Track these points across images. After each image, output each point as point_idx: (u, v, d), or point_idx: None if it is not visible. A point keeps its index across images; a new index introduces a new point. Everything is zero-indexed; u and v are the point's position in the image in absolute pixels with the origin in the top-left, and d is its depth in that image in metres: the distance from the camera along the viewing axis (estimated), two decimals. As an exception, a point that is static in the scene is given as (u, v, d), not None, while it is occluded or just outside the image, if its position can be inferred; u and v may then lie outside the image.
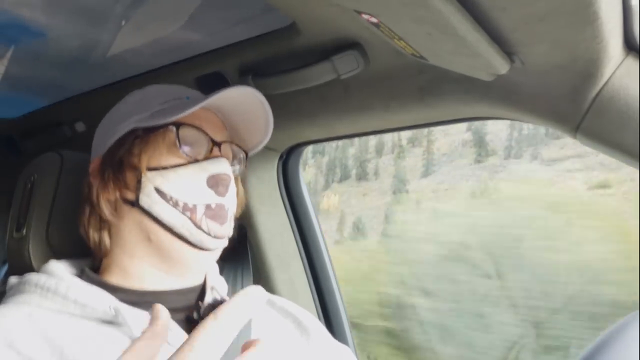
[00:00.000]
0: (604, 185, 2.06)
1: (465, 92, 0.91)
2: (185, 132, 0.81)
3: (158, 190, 0.79)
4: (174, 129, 0.80)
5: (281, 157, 1.39)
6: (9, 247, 0.92)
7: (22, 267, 0.88)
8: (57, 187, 0.91)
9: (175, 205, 0.78)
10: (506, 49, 0.73)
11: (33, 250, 0.88)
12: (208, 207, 0.79)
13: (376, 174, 2.73)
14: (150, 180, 0.79)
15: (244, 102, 0.84)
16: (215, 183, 0.80)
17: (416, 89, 0.97)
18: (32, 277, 0.79)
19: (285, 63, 1.01)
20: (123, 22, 1.07)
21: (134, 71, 1.25)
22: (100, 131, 0.89)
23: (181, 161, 0.80)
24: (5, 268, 1.25)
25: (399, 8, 0.61)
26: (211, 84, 1.13)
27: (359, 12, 0.67)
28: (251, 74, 1.07)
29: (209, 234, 0.79)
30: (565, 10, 0.61)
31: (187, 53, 1.16)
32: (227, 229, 0.82)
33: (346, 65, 0.95)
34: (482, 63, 0.76)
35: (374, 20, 0.68)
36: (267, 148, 1.33)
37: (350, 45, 0.93)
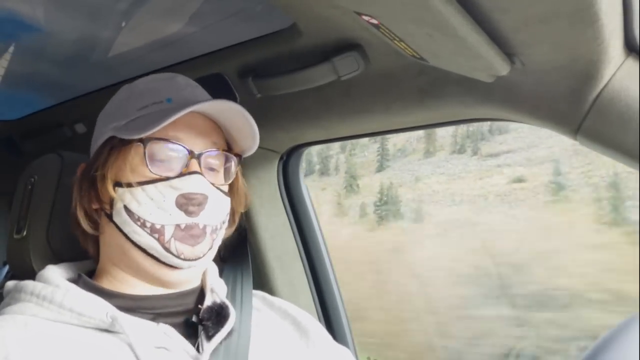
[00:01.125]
0: (519, 180, 2.12)
1: (466, 93, 0.91)
2: (155, 147, 0.76)
3: (127, 209, 0.75)
4: (142, 145, 0.76)
5: (281, 158, 1.38)
6: (10, 248, 0.92)
7: (23, 268, 0.88)
8: (57, 188, 0.90)
9: (143, 226, 0.74)
10: (507, 50, 0.73)
11: (33, 251, 0.87)
12: (177, 227, 0.75)
13: (337, 169, 2.75)
14: (120, 198, 0.75)
15: (228, 112, 0.80)
16: (185, 203, 0.75)
17: (416, 90, 0.97)
18: (28, 285, 0.77)
19: (286, 64, 1.01)
20: (123, 23, 1.07)
21: (134, 72, 1.24)
22: (95, 131, 0.85)
23: (149, 179, 0.75)
24: (5, 269, 1.25)
25: (399, 9, 0.61)
26: (212, 85, 1.12)
27: (359, 14, 0.67)
28: (251, 75, 1.07)
29: (178, 257, 0.75)
30: (566, 12, 0.61)
31: (187, 54, 1.16)
32: (201, 250, 0.77)
33: (347, 67, 0.95)
34: (482, 64, 0.76)
35: (374, 21, 0.68)
36: (267, 149, 1.33)
37: (350, 46, 0.93)
